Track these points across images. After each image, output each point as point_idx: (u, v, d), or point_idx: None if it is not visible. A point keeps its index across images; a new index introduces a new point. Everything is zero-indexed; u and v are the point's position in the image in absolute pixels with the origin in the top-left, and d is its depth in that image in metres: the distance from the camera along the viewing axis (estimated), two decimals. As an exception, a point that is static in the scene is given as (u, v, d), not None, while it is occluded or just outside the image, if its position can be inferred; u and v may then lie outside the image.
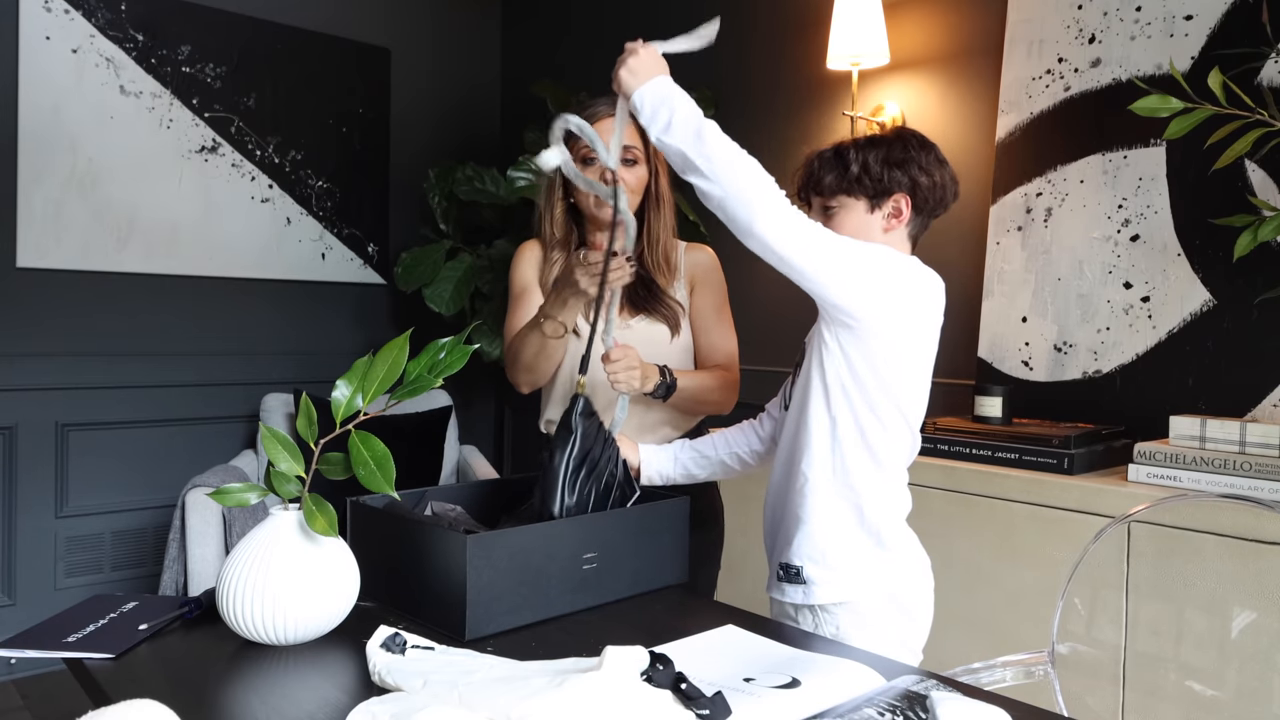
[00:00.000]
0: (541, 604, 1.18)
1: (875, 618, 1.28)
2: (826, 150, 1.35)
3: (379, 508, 1.26)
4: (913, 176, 1.29)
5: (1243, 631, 1.50)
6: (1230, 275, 1.90)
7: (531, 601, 1.16)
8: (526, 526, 1.19)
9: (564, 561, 1.20)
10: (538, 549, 1.17)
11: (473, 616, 1.10)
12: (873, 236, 1.30)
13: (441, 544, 1.14)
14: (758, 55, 2.96)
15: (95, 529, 3.12)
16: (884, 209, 1.30)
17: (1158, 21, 2.04)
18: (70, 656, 1.05)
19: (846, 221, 1.32)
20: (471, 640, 1.10)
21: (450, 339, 1.15)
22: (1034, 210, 2.22)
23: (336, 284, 3.64)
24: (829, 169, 1.33)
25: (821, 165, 1.34)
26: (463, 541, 1.10)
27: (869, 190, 1.29)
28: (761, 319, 2.86)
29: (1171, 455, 1.71)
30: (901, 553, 1.31)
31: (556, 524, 1.22)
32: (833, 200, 1.32)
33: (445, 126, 3.92)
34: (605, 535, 1.26)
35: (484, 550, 1.11)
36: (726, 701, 0.86)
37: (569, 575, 1.21)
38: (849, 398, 1.26)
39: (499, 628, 1.13)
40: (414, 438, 3.30)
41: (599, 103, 1.61)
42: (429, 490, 1.37)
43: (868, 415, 1.26)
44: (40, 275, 2.99)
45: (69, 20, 3.00)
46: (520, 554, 1.15)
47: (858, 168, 1.30)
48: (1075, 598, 1.54)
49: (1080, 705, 1.63)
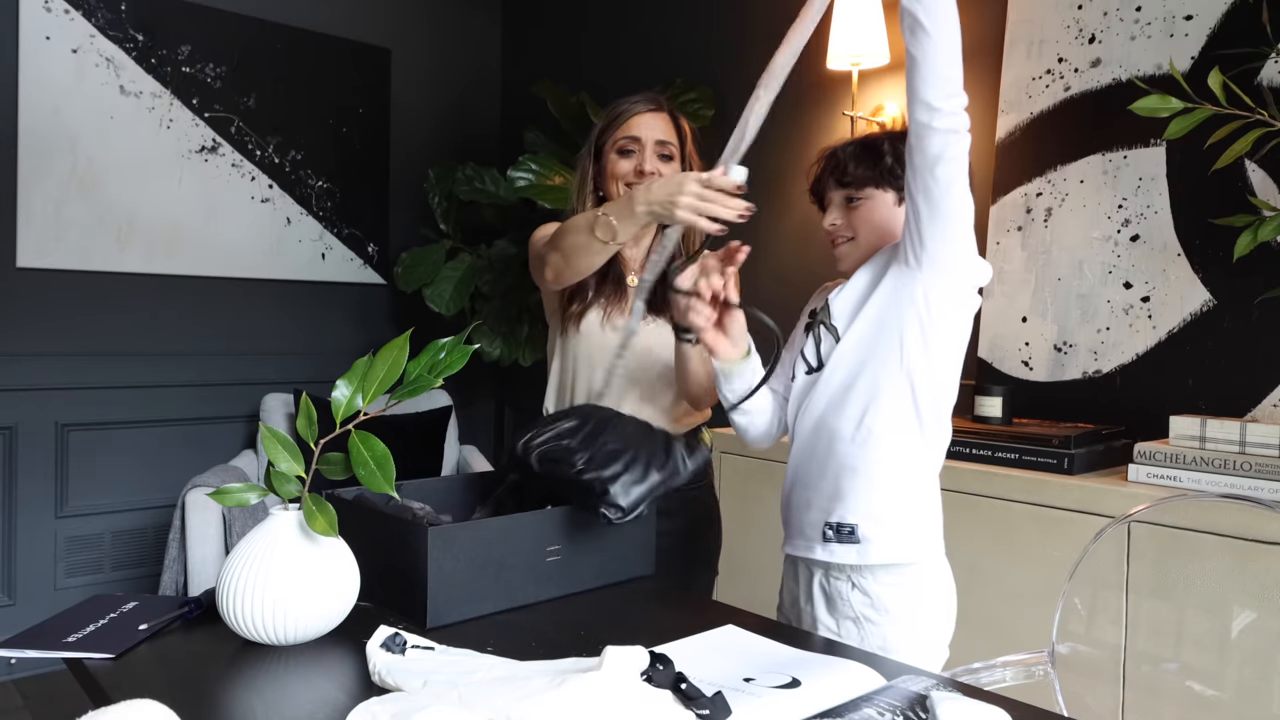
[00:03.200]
0: (503, 594, 1.21)
1: (924, 583, 1.28)
2: (849, 144, 1.35)
3: (349, 500, 1.28)
4: None
5: (1243, 631, 1.50)
6: (1230, 275, 1.90)
7: (493, 592, 1.20)
8: (487, 520, 1.24)
9: (528, 553, 1.24)
10: (499, 541, 1.21)
11: (433, 605, 1.14)
12: (896, 230, 1.31)
13: (405, 536, 1.18)
14: (758, 55, 2.95)
15: (95, 529, 3.12)
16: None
17: (1158, 21, 2.04)
18: (70, 656, 1.05)
19: (873, 213, 1.32)
20: (433, 628, 1.13)
21: (450, 339, 1.15)
22: (1034, 210, 2.22)
23: (337, 284, 3.64)
24: (858, 161, 1.32)
25: (849, 158, 1.33)
26: (424, 533, 1.14)
27: (900, 182, 1.29)
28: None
29: (1171, 455, 1.71)
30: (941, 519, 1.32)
31: (519, 517, 1.25)
32: (860, 192, 1.33)
33: (445, 126, 3.92)
34: (569, 527, 1.28)
35: (445, 542, 1.15)
36: (726, 701, 0.86)
37: (533, 566, 1.24)
38: (928, 355, 1.25)
39: (460, 616, 1.17)
40: (414, 438, 3.30)
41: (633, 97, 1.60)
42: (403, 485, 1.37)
43: (941, 371, 1.26)
44: (40, 275, 2.99)
45: (69, 20, 3.00)
46: (482, 546, 1.19)
47: (891, 157, 1.30)
48: (1075, 598, 1.54)
49: (1080, 705, 1.63)
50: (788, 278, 2.85)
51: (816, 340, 1.34)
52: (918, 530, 1.28)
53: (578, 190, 1.65)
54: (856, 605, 1.27)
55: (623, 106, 1.60)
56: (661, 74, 3.16)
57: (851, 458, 1.28)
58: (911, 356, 1.25)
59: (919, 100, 1.14)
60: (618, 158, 1.58)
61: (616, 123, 1.60)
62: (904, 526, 1.27)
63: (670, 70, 3.17)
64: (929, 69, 1.13)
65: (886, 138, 1.33)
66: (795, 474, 1.37)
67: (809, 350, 1.35)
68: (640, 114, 1.59)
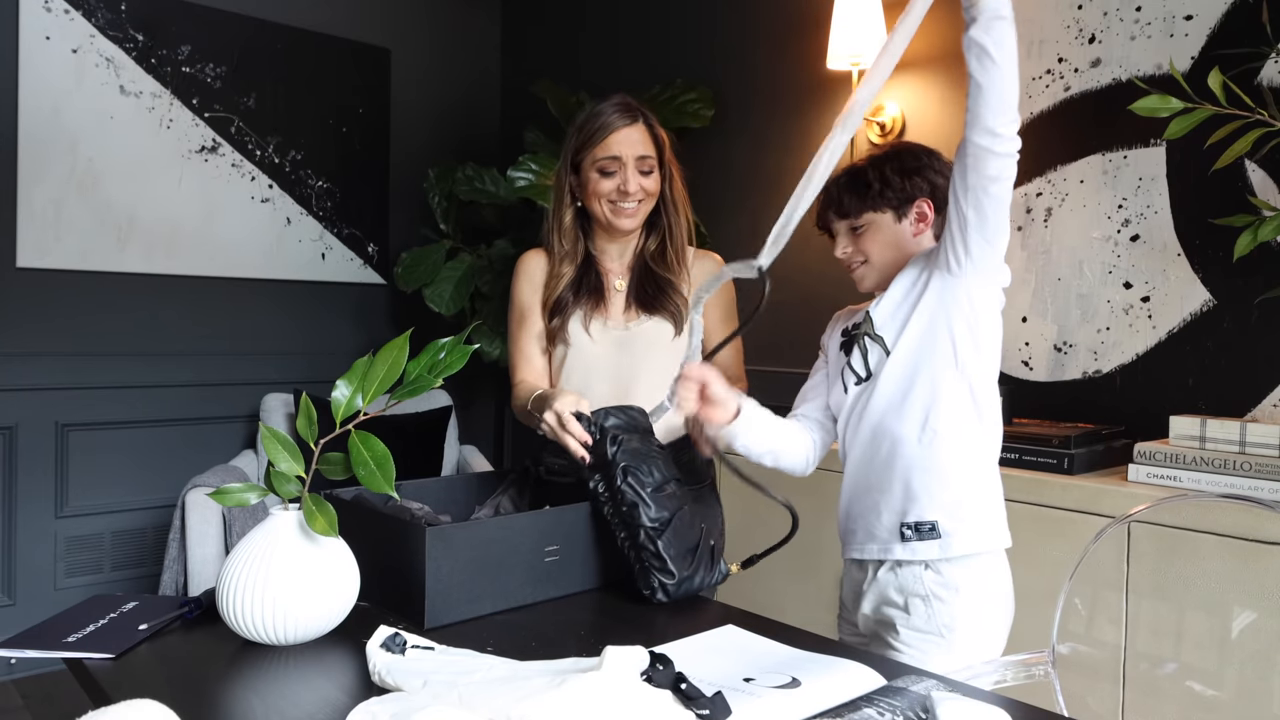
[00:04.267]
0: (501, 595, 1.22)
1: (994, 571, 1.35)
2: (840, 176, 1.41)
3: (348, 500, 1.28)
4: (929, 179, 1.37)
5: (1243, 631, 1.50)
6: (1230, 275, 1.90)
7: (491, 592, 1.21)
8: (485, 520, 1.25)
9: (526, 554, 1.24)
10: (497, 541, 1.21)
11: (431, 606, 1.14)
12: (905, 243, 1.38)
13: (404, 536, 1.18)
14: (758, 55, 2.96)
15: (95, 529, 3.12)
16: (909, 216, 1.38)
17: (1158, 21, 2.04)
18: (70, 656, 1.05)
19: (878, 236, 1.39)
20: (431, 629, 1.13)
21: (450, 339, 1.15)
22: (1034, 210, 2.22)
23: (336, 284, 3.64)
24: (848, 191, 1.39)
25: (841, 190, 1.40)
26: (422, 533, 1.14)
27: (893, 201, 1.37)
28: (761, 321, 2.86)
29: (1171, 455, 1.71)
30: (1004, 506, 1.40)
31: (517, 517, 1.26)
32: (860, 219, 1.39)
33: (445, 126, 3.92)
34: (567, 529, 1.29)
35: (443, 542, 1.16)
36: (726, 701, 0.86)
37: (531, 567, 1.25)
38: (979, 353, 1.33)
39: (459, 617, 1.17)
40: (414, 438, 3.30)
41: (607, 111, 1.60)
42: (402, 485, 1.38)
43: (989, 370, 1.35)
44: (40, 275, 2.99)
45: (69, 20, 3.00)
46: (481, 546, 1.20)
47: (878, 183, 1.37)
48: (1075, 598, 1.54)
49: (1080, 705, 1.63)
50: (788, 277, 2.84)
51: (863, 352, 1.39)
52: (990, 518, 1.36)
53: (555, 204, 1.66)
54: (929, 583, 1.33)
55: (600, 121, 1.58)
56: (661, 74, 3.16)
57: (920, 459, 1.33)
58: (965, 356, 1.32)
59: (982, 125, 1.19)
60: (599, 177, 1.58)
61: (594, 140, 1.58)
62: (979, 516, 1.35)
63: (670, 70, 3.17)
64: (995, 96, 1.18)
65: (869, 164, 1.40)
66: (856, 482, 1.42)
67: (856, 363, 1.40)
68: (618, 130, 1.57)
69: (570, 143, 1.63)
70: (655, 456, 1.34)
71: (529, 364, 1.66)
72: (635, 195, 1.58)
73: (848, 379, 1.42)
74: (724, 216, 3.01)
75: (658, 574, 1.25)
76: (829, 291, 2.70)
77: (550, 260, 1.67)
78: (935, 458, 1.33)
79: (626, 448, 1.31)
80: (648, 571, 1.26)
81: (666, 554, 1.25)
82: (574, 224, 1.66)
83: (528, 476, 1.55)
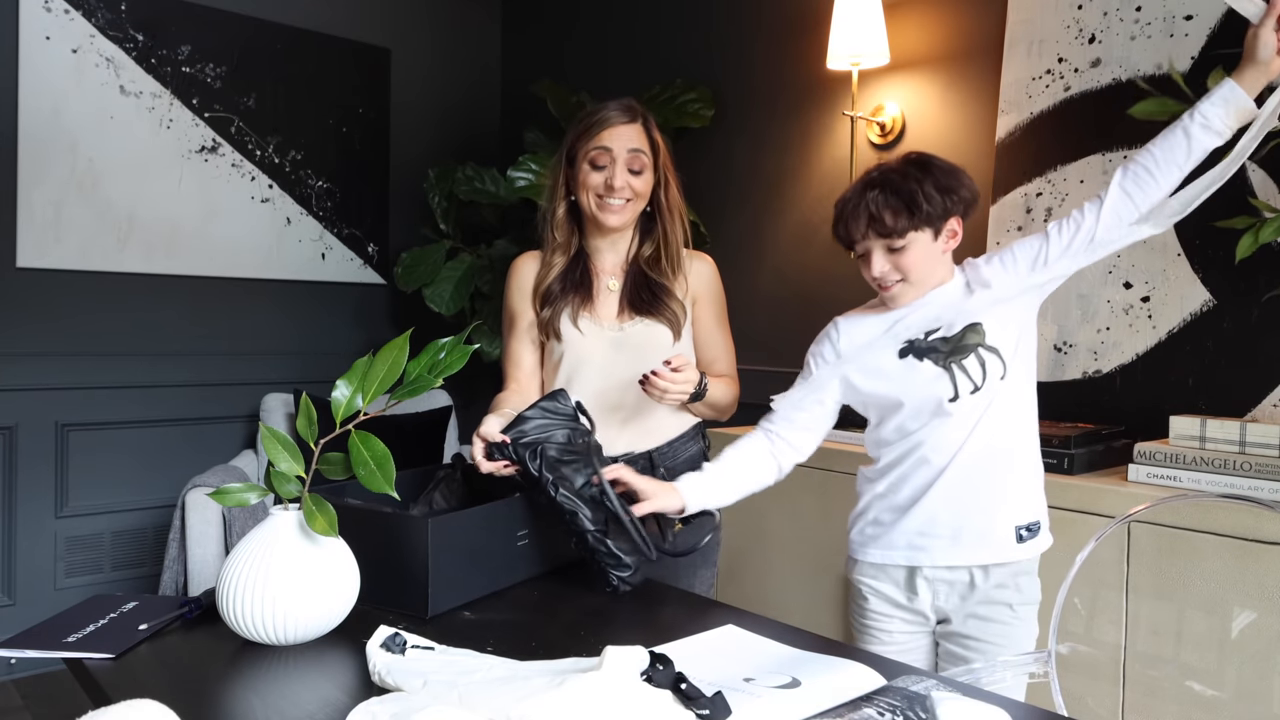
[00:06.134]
0: (487, 579, 1.27)
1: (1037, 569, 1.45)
2: (877, 193, 1.35)
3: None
4: (963, 197, 1.37)
5: (1243, 631, 1.50)
6: (1230, 275, 1.90)
7: (478, 577, 1.25)
8: (472, 509, 1.29)
9: (502, 539, 1.31)
10: (481, 529, 1.27)
11: (434, 595, 1.17)
12: (938, 260, 1.39)
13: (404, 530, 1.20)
14: (758, 55, 2.96)
15: (95, 529, 3.12)
16: (944, 233, 1.38)
17: (1158, 21, 2.04)
18: (70, 656, 1.05)
19: (919, 253, 1.37)
20: (433, 618, 1.16)
21: (450, 339, 1.15)
22: (1034, 210, 2.22)
23: (336, 284, 3.64)
24: (895, 213, 1.34)
25: (884, 209, 1.34)
26: (425, 526, 1.16)
27: (934, 221, 1.36)
28: (760, 321, 2.87)
29: (1171, 455, 1.71)
30: None
31: (494, 505, 1.31)
32: (904, 239, 1.35)
33: (445, 126, 3.92)
34: (532, 514, 1.36)
35: (443, 533, 1.20)
36: (726, 701, 0.86)
37: (506, 551, 1.31)
38: (1031, 371, 1.43)
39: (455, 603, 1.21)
40: (414, 438, 3.30)
41: (609, 107, 1.61)
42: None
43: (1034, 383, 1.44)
44: (40, 275, 2.99)
45: (69, 20, 3.00)
46: (469, 535, 1.25)
47: (926, 204, 1.34)
48: (1075, 598, 1.54)
49: (1080, 705, 1.63)
50: (788, 276, 2.85)
51: (980, 362, 1.37)
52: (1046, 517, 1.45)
53: (550, 195, 1.68)
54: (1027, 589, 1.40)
55: (597, 115, 1.60)
56: (661, 74, 3.16)
57: (1028, 460, 1.42)
58: (1029, 375, 1.42)
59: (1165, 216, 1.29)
60: (590, 169, 1.59)
61: (590, 132, 1.59)
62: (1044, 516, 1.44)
63: (670, 70, 3.17)
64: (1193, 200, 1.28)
65: (915, 182, 1.34)
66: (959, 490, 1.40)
67: (974, 371, 1.38)
68: (614, 125, 1.58)
69: (568, 135, 1.65)
70: (575, 458, 1.37)
71: (517, 366, 1.69)
72: (622, 192, 1.58)
73: (961, 386, 1.38)
74: (724, 216, 3.01)
75: (613, 570, 1.31)
76: (829, 291, 2.70)
77: (542, 254, 1.70)
78: (1034, 458, 1.42)
79: (548, 459, 1.33)
80: (605, 571, 1.32)
81: (619, 550, 1.30)
82: (567, 217, 1.67)
83: (455, 473, 1.58)
